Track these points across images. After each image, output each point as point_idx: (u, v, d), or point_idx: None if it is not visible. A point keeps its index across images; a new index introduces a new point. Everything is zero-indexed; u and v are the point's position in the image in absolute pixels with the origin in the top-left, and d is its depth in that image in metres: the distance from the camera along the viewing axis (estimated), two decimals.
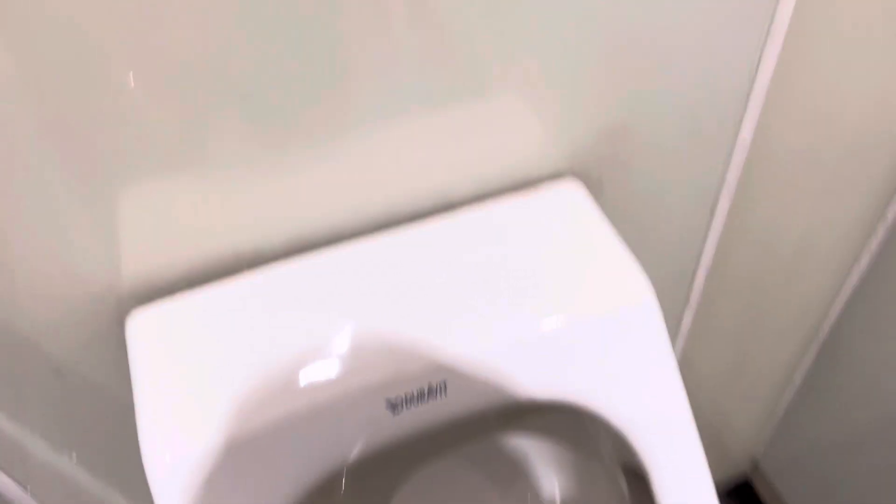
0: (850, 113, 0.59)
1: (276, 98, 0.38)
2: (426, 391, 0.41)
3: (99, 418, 0.51)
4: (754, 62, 0.50)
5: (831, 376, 0.87)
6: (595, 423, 0.51)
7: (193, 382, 0.41)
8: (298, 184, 0.43)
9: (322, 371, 0.41)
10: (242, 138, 0.39)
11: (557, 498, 0.61)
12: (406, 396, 0.41)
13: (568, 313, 0.43)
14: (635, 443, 0.43)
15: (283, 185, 0.43)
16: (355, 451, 0.41)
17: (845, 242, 0.72)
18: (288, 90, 0.38)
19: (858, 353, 0.81)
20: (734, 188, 0.58)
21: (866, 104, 0.59)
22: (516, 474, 0.61)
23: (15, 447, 0.49)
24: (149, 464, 0.38)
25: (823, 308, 0.81)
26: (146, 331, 0.43)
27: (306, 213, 0.45)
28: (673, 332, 0.73)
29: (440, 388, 0.41)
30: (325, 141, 0.42)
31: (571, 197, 0.49)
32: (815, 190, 0.64)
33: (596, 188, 0.51)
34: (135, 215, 0.41)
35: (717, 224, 0.61)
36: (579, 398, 0.43)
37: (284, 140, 0.41)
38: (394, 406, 0.41)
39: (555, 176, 0.51)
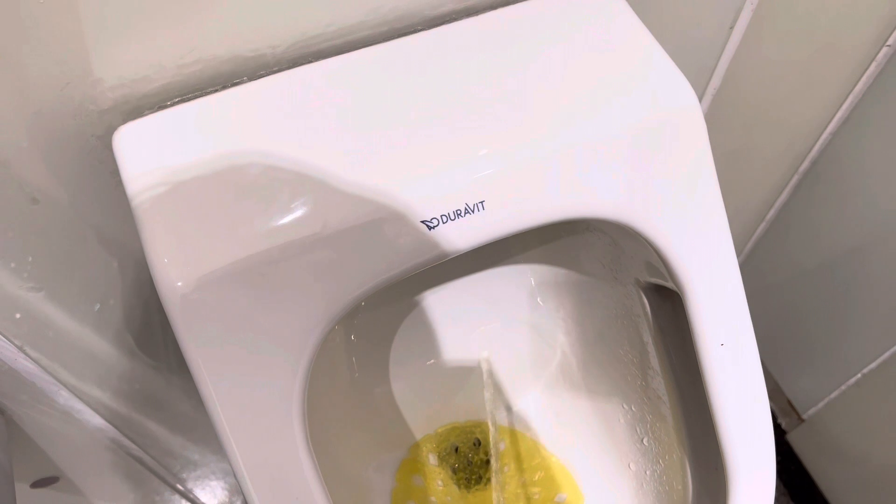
0: None
1: None
2: (462, 211, 0.38)
3: (78, 250, 0.46)
4: None
5: (801, 216, 0.88)
6: (621, 242, 0.50)
7: (202, 200, 0.36)
8: None
9: (348, 189, 0.37)
10: None
11: (562, 320, 0.61)
12: (441, 217, 0.37)
13: (612, 124, 0.39)
14: (672, 258, 0.42)
15: None
16: (387, 274, 0.38)
17: (847, 69, 0.70)
18: None
19: (831, 191, 0.82)
20: None
21: None
22: (513, 297, 0.60)
23: None
24: (164, 290, 0.35)
25: (810, 141, 0.80)
26: (139, 147, 0.38)
27: (311, 9, 0.39)
28: None
29: (478, 207, 0.38)
30: None
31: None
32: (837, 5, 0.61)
33: None
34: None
35: (735, 37, 0.57)
36: (619, 212, 0.40)
37: None
38: (429, 226, 0.37)
39: None
